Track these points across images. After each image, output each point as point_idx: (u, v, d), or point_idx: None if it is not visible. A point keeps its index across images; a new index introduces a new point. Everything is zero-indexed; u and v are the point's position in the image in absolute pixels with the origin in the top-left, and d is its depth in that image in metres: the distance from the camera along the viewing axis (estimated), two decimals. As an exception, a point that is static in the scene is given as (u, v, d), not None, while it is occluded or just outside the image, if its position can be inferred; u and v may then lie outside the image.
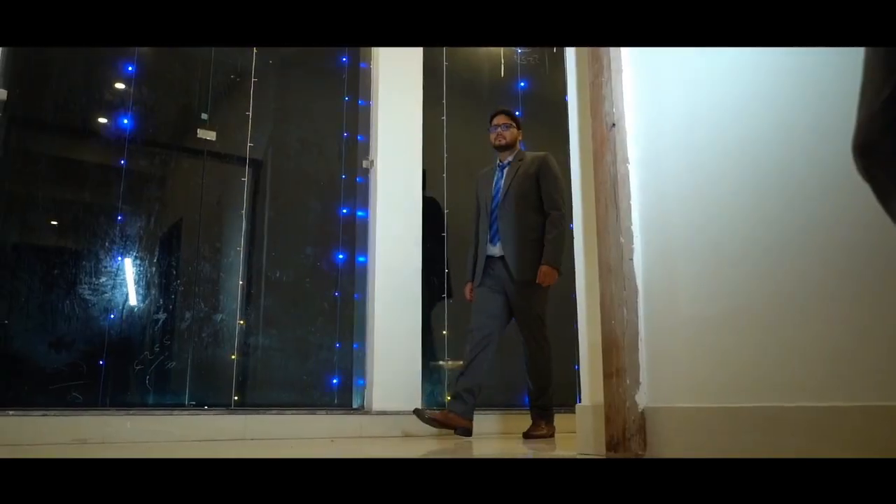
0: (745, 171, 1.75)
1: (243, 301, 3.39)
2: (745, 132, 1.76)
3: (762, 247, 1.69)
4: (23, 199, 3.00)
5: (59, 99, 3.16)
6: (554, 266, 3.28)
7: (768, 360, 1.64)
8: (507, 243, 3.32)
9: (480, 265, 3.42)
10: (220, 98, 3.57)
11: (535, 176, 3.38)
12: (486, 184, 3.55)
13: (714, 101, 1.86)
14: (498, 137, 3.49)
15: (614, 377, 1.93)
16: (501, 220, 3.37)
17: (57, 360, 2.91)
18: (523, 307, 3.32)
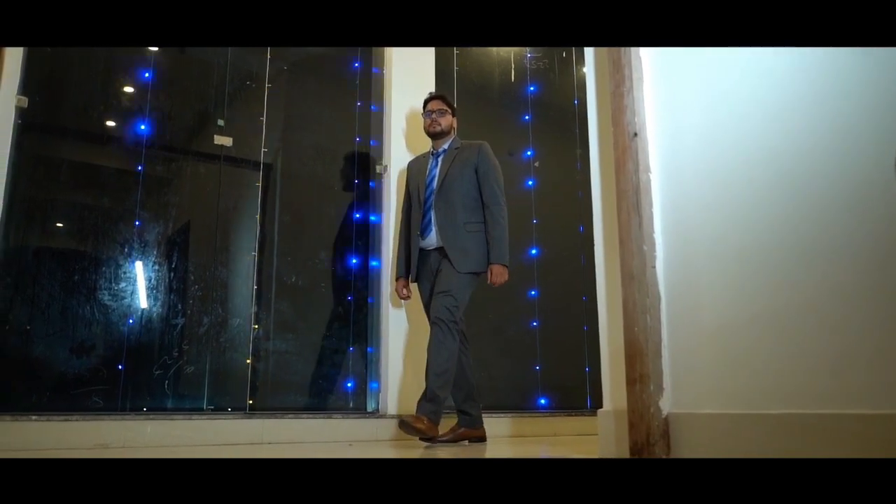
0: (768, 179, 1.78)
1: (258, 305, 3.42)
2: (767, 140, 1.79)
3: (785, 254, 1.71)
4: (43, 206, 3.03)
5: (77, 106, 3.19)
6: (504, 265, 3.13)
7: (793, 367, 1.66)
8: (444, 236, 3.13)
9: (414, 260, 3.26)
10: (235, 104, 3.60)
11: (473, 165, 3.23)
12: (418, 173, 3.37)
13: (736, 108, 1.88)
14: (433, 124, 3.32)
15: (638, 383, 1.96)
16: (437, 210, 3.18)
17: (77, 365, 2.94)
18: (441, 290, 3.06)
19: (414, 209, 3.30)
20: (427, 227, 3.20)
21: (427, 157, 3.40)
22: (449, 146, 3.33)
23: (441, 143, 3.35)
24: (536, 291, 4.40)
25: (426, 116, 3.35)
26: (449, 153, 3.30)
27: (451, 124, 3.36)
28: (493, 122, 4.62)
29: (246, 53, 3.67)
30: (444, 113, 3.33)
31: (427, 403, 2.93)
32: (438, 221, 3.16)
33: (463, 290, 3.09)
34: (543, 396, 4.24)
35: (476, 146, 3.28)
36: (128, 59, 3.35)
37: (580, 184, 4.68)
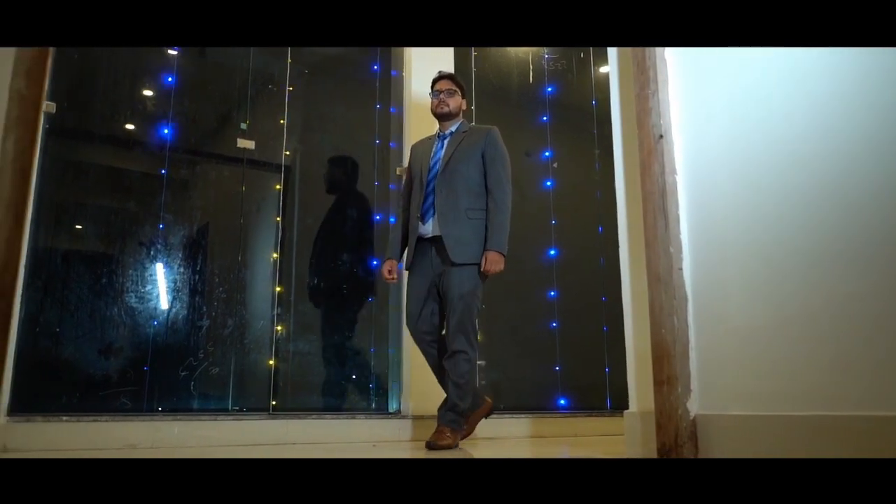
0: (797, 180, 1.77)
1: (280, 307, 3.45)
2: (796, 141, 1.79)
3: (814, 255, 1.71)
4: (71, 209, 3.08)
5: (103, 111, 3.23)
6: (501, 252, 2.91)
7: (822, 370, 1.67)
8: (444, 221, 2.93)
9: (412, 247, 3.04)
10: (257, 107, 3.63)
11: (480, 149, 3.04)
12: (422, 154, 3.16)
13: (764, 109, 1.88)
14: (440, 105, 3.11)
15: (665, 385, 1.97)
16: (438, 194, 2.98)
17: (106, 366, 2.99)
18: (458, 295, 2.89)
19: (415, 193, 3.10)
20: (427, 212, 3.00)
21: (433, 138, 3.20)
22: (456, 129, 3.14)
23: (448, 125, 3.15)
24: (556, 292, 4.41)
25: (433, 96, 3.14)
26: (456, 136, 3.11)
27: (460, 106, 3.16)
28: (512, 122, 4.62)
29: (267, 57, 3.70)
30: (452, 93, 3.13)
31: (448, 412, 2.90)
32: (439, 206, 2.95)
33: (475, 288, 2.93)
34: (563, 397, 4.25)
35: (485, 130, 3.10)
36: (151, 64, 3.39)
37: (599, 184, 4.68)
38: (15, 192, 1.20)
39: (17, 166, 1.21)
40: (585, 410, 4.19)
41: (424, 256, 3.00)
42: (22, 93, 1.23)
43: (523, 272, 4.36)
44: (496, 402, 4.00)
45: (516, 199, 4.44)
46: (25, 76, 1.23)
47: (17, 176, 1.21)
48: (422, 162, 3.12)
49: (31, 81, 1.24)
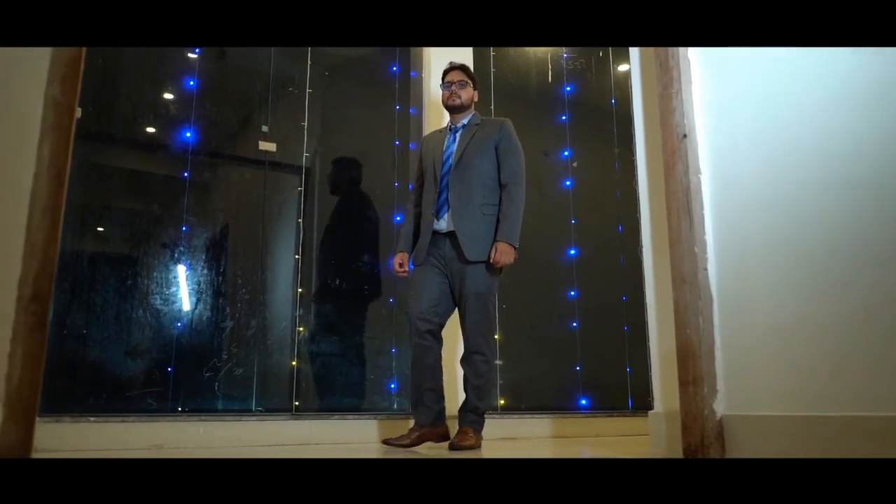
0: (823, 180, 1.76)
1: (302, 308, 3.47)
2: (821, 140, 1.77)
3: (841, 255, 1.70)
4: (96, 212, 3.12)
5: (126, 115, 3.27)
6: (511, 244, 2.84)
7: (851, 370, 1.65)
8: (458, 217, 2.87)
9: (424, 242, 2.94)
10: (278, 110, 3.66)
11: (494, 142, 2.97)
12: (433, 148, 3.08)
13: (789, 107, 1.87)
14: (452, 96, 3.04)
15: (691, 385, 1.96)
16: (452, 190, 2.91)
17: (132, 367, 3.02)
18: (474, 294, 2.84)
19: (428, 187, 3.02)
20: (442, 207, 2.93)
21: (444, 131, 3.13)
22: (469, 121, 3.06)
23: (460, 117, 3.08)
24: (576, 292, 4.40)
25: (444, 88, 3.09)
26: (468, 129, 3.03)
27: (472, 98, 3.10)
28: (531, 122, 4.62)
29: (287, 60, 3.73)
30: (464, 85, 3.06)
31: (469, 414, 2.89)
32: (454, 202, 2.89)
33: (491, 286, 2.88)
34: (584, 397, 4.24)
35: (498, 123, 3.04)
36: (173, 68, 3.43)
37: (619, 183, 4.67)
38: (51, 197, 1.22)
39: (53, 171, 1.23)
40: (607, 410, 4.18)
41: (437, 250, 2.92)
42: (57, 99, 1.25)
43: (543, 272, 4.36)
44: (517, 402, 4.01)
45: (536, 199, 4.46)
46: (60, 83, 1.25)
47: (53, 181, 1.23)
48: (434, 155, 3.04)
49: (65, 88, 1.26)
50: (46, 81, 1.24)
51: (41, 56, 1.25)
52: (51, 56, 1.25)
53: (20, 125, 1.23)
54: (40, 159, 1.21)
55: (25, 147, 1.22)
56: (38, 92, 1.24)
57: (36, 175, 1.21)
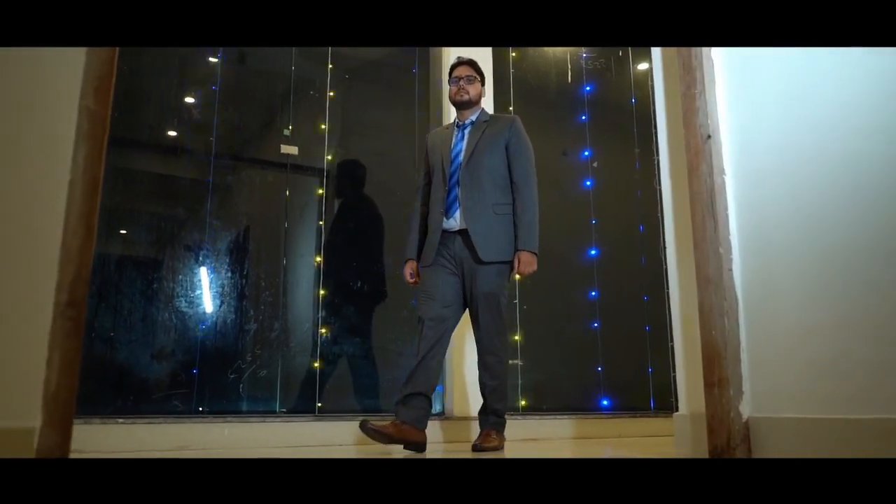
0: (850, 180, 1.75)
1: (325, 310, 3.49)
2: (849, 140, 1.76)
3: (870, 256, 1.69)
4: (122, 216, 3.16)
5: (151, 120, 3.32)
6: (535, 253, 2.81)
7: (879, 371, 1.64)
8: (471, 216, 2.80)
9: (433, 242, 2.87)
10: (299, 113, 3.68)
11: (504, 140, 2.92)
12: (441, 145, 3.00)
13: (815, 106, 1.85)
14: (459, 92, 2.97)
15: (716, 387, 1.95)
16: (463, 187, 2.84)
17: (158, 370, 3.06)
18: (485, 294, 2.79)
19: (436, 185, 2.94)
20: (452, 206, 2.86)
21: (451, 128, 3.05)
22: (477, 118, 3.00)
23: (468, 113, 3.01)
24: (597, 292, 4.39)
25: (452, 83, 3.01)
26: (477, 125, 2.97)
27: (480, 93, 3.04)
28: (550, 123, 4.62)
29: (308, 63, 3.75)
30: (472, 80, 2.99)
31: (490, 416, 2.86)
32: (464, 200, 2.83)
33: (503, 287, 2.84)
34: (606, 397, 4.23)
35: (508, 120, 2.98)
36: (196, 73, 3.47)
37: (639, 183, 4.65)
38: (86, 204, 1.25)
39: (88, 179, 1.25)
40: (629, 411, 4.17)
41: (448, 250, 2.85)
42: (91, 108, 1.27)
43: (564, 272, 4.35)
44: (539, 403, 4.01)
45: (556, 199, 4.46)
46: (94, 93, 1.28)
47: (88, 188, 1.25)
48: (441, 152, 2.97)
49: (98, 98, 1.29)
50: (80, 92, 1.27)
51: (75, 67, 1.28)
52: (84, 67, 1.27)
53: (56, 134, 1.25)
54: (75, 167, 1.24)
55: (61, 155, 1.24)
56: (73, 102, 1.27)
57: (71, 182, 1.23)
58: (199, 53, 3.50)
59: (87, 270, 1.23)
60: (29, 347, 1.18)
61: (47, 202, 1.22)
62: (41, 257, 1.21)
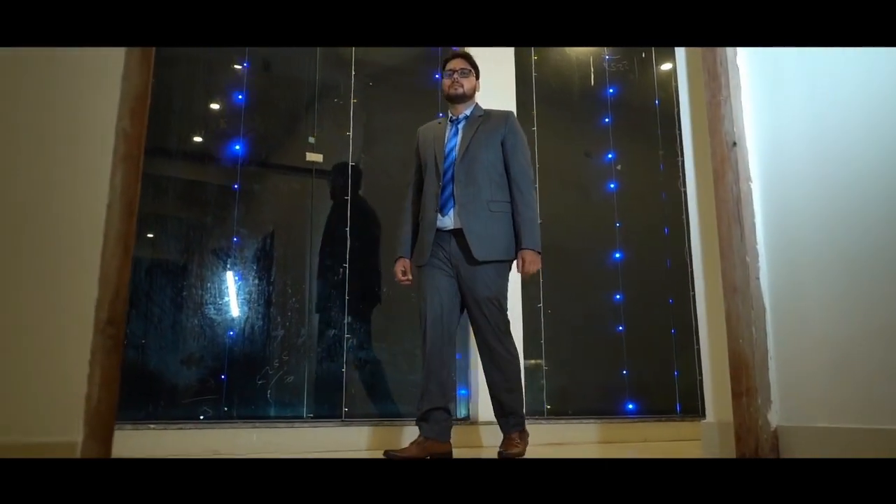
0: (880, 187, 1.73)
1: (351, 316, 3.53)
2: (878, 146, 1.74)
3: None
4: (152, 224, 3.22)
5: (179, 128, 3.37)
6: (538, 251, 2.74)
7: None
8: (466, 214, 2.72)
9: (427, 240, 2.78)
10: (324, 121, 3.72)
11: (500, 136, 2.83)
12: (433, 140, 2.91)
13: (842, 113, 1.84)
14: (454, 85, 2.88)
15: (744, 396, 1.95)
16: (457, 184, 2.76)
17: (187, 376, 3.11)
18: (487, 298, 2.69)
19: (429, 182, 2.85)
20: (447, 203, 2.77)
21: (443, 123, 2.97)
22: (471, 112, 2.91)
23: (461, 108, 2.92)
24: (621, 295, 4.38)
25: (446, 76, 2.92)
26: (471, 120, 2.89)
27: (475, 88, 2.95)
28: (573, 125, 4.61)
29: (331, 71, 3.79)
30: (467, 73, 2.91)
31: (509, 418, 2.75)
32: (459, 197, 2.74)
33: (503, 288, 2.76)
34: (631, 401, 4.21)
35: (504, 116, 2.90)
36: (222, 81, 3.52)
37: (664, 185, 4.63)
38: (123, 225, 1.28)
39: (125, 201, 1.29)
40: (654, 415, 4.15)
41: (442, 250, 2.77)
42: (127, 131, 1.30)
43: (588, 276, 4.35)
44: (563, 407, 4.01)
45: (579, 202, 4.46)
46: (130, 116, 1.31)
47: (125, 210, 1.29)
48: (435, 148, 2.88)
49: (134, 120, 1.32)
50: (117, 115, 1.30)
51: (111, 91, 1.31)
52: (120, 91, 1.31)
53: (94, 158, 1.29)
54: (113, 189, 1.27)
55: (99, 178, 1.28)
56: (110, 126, 1.30)
57: (109, 205, 1.27)
58: (226, 62, 3.55)
59: (125, 289, 1.27)
60: (71, 364, 1.22)
61: (86, 224, 1.26)
62: (82, 277, 1.25)
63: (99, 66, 1.33)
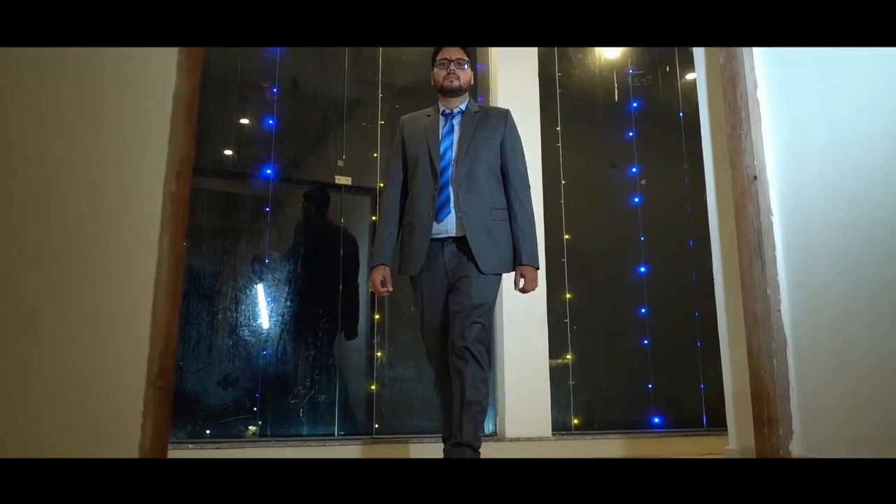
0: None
1: (380, 335, 3.61)
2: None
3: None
4: (188, 249, 3.34)
5: (215, 157, 3.48)
6: (537, 268, 2.54)
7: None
8: (468, 222, 2.46)
9: (420, 248, 2.49)
10: (352, 144, 3.81)
11: (500, 136, 2.60)
12: (425, 134, 2.62)
13: (863, 147, 1.87)
14: (449, 76, 2.61)
15: (765, 426, 1.99)
16: (458, 187, 2.50)
17: (224, 396, 3.22)
18: (478, 304, 2.42)
19: (420, 182, 2.56)
20: (444, 208, 2.50)
21: (433, 116, 2.68)
22: (466, 107, 2.67)
23: (455, 102, 2.66)
24: (647, 309, 4.41)
25: (439, 66, 2.65)
26: (468, 116, 2.63)
27: (470, 80, 2.68)
28: (598, 139, 4.64)
29: (360, 91, 3.87)
30: (463, 64, 2.64)
31: (466, 449, 2.35)
32: (462, 203, 2.48)
33: (494, 298, 2.51)
34: (657, 415, 4.24)
35: (502, 113, 2.68)
36: (253, 107, 3.62)
37: (688, 197, 4.65)
38: (171, 282, 1.37)
39: (172, 259, 1.37)
40: (681, 429, 4.18)
41: (436, 259, 2.51)
42: (173, 192, 1.39)
43: (613, 290, 4.38)
44: (590, 421, 4.06)
45: (604, 217, 4.50)
46: (176, 178, 1.40)
47: (173, 268, 1.37)
48: (428, 143, 2.59)
49: (180, 182, 1.41)
50: (164, 178, 1.39)
51: (158, 154, 1.40)
52: (167, 155, 1.40)
53: (143, 219, 1.38)
54: (161, 249, 1.36)
55: (148, 239, 1.37)
56: (157, 188, 1.39)
57: (158, 264, 1.35)
58: (256, 86, 3.65)
59: (174, 342, 1.36)
60: (126, 414, 1.31)
61: (137, 283, 1.35)
62: (135, 332, 1.34)
63: (146, 131, 1.42)
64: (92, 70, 1.41)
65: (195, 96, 1.52)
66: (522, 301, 3.73)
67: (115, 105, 1.42)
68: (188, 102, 1.50)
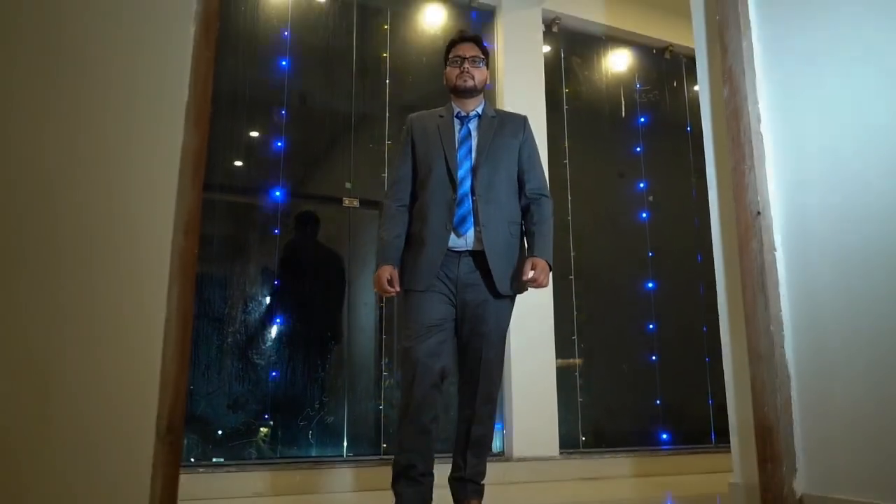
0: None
1: (387, 356, 3.64)
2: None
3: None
4: (198, 275, 3.37)
5: (223, 181, 3.52)
6: (551, 265, 2.34)
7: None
8: (488, 236, 2.28)
9: (433, 261, 2.27)
10: (360, 166, 3.84)
11: (518, 143, 2.43)
12: (439, 137, 2.40)
13: (867, 183, 1.88)
14: (462, 75, 2.41)
15: (769, 462, 2.00)
16: (480, 199, 2.30)
17: (233, 419, 3.26)
18: (495, 331, 2.30)
19: (435, 189, 2.34)
20: (465, 220, 2.30)
21: (447, 118, 2.46)
22: (483, 111, 2.46)
23: (469, 103, 2.45)
24: (654, 325, 4.41)
25: (453, 64, 2.44)
26: (486, 120, 2.44)
27: (486, 79, 2.47)
28: (605, 155, 4.65)
29: (367, 107, 3.89)
30: (478, 62, 2.44)
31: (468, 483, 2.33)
32: (484, 217, 2.29)
33: (509, 322, 2.39)
34: (665, 431, 4.25)
35: (520, 120, 2.50)
36: (261, 129, 3.66)
37: (696, 211, 4.65)
38: (179, 335, 1.40)
39: (181, 314, 1.40)
40: (689, 446, 4.19)
41: (449, 274, 2.29)
42: (181, 246, 1.42)
43: (621, 306, 4.39)
44: (598, 439, 4.07)
45: (611, 233, 4.51)
46: (184, 232, 1.43)
47: (181, 322, 1.40)
48: (444, 148, 2.38)
49: (188, 236, 1.44)
50: (172, 231, 1.42)
51: (166, 209, 1.43)
52: (175, 209, 1.42)
53: (151, 274, 1.41)
54: (170, 303, 1.39)
55: (157, 294, 1.40)
56: (166, 243, 1.42)
57: (167, 318, 1.38)
58: (265, 107, 3.69)
59: (183, 396, 1.38)
60: (135, 470, 1.34)
61: (146, 338, 1.38)
62: (143, 387, 1.37)
63: (154, 187, 1.46)
64: (98, 128, 1.44)
65: (202, 149, 1.56)
66: (528, 317, 3.76)
67: (123, 160, 1.45)
68: (196, 155, 1.53)
